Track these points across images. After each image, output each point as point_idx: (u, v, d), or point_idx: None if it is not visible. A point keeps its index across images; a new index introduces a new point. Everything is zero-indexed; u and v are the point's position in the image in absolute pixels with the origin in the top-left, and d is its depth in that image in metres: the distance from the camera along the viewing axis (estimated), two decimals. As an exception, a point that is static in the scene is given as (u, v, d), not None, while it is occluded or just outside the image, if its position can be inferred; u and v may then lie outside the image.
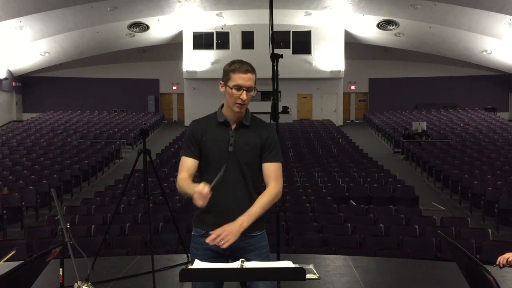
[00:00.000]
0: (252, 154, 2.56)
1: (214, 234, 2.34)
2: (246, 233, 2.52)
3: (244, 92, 2.49)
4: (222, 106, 2.63)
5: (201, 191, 2.30)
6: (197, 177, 2.68)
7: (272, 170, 2.58)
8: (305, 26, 24.04)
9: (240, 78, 2.50)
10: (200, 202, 2.32)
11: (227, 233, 2.34)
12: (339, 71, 24.78)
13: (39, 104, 26.60)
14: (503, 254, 2.86)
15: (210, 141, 2.56)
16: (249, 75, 2.51)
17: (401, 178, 11.83)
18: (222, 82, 2.57)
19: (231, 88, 2.50)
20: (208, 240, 2.36)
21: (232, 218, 2.49)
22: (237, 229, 2.37)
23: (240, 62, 2.56)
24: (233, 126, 2.58)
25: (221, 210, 2.53)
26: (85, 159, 14.02)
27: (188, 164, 2.59)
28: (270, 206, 2.56)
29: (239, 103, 2.51)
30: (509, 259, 2.80)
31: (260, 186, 2.64)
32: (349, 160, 13.98)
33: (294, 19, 22.98)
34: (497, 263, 2.82)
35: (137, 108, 27.04)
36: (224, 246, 2.33)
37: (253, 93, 2.54)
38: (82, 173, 12.92)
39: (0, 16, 17.84)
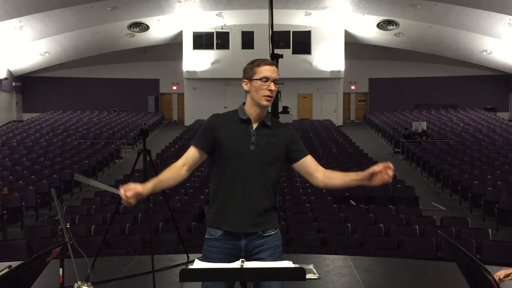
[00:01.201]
0: (274, 154, 2.53)
1: (387, 167, 2.36)
2: (261, 233, 2.52)
3: (272, 83, 2.49)
4: (243, 104, 2.60)
5: (124, 193, 2.33)
6: (212, 174, 2.63)
7: (312, 161, 2.64)
8: (305, 26, 24.04)
9: (266, 70, 2.50)
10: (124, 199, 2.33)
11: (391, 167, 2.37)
12: (339, 71, 24.78)
13: (39, 104, 26.59)
14: (500, 271, 2.82)
15: (229, 137, 2.51)
16: (274, 67, 2.54)
17: (401, 178, 11.83)
18: (246, 80, 2.55)
19: (259, 80, 2.49)
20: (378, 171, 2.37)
21: (251, 217, 2.49)
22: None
23: (262, 59, 2.59)
24: (255, 125, 2.55)
25: (240, 210, 2.49)
26: (85, 159, 14.02)
27: (190, 154, 2.57)
28: None
29: (267, 95, 2.50)
30: (501, 277, 2.76)
31: (276, 188, 2.62)
32: (349, 160, 13.98)
33: (294, 19, 22.98)
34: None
35: (137, 108, 27.03)
36: (391, 173, 2.36)
37: (277, 86, 2.55)
38: (82, 173, 12.90)
39: (0, 16, 17.84)
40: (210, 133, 2.54)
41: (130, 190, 2.34)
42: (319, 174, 2.59)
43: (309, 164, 2.61)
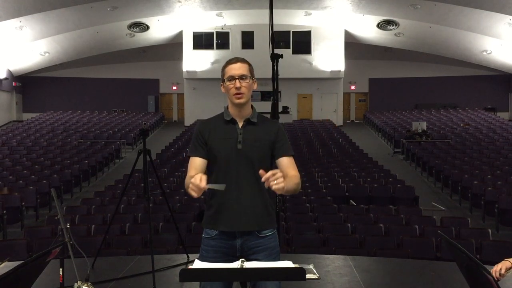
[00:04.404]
0: (262, 150, 2.54)
1: (267, 175, 2.17)
2: (256, 233, 2.52)
3: (237, 80, 2.50)
4: (227, 106, 2.64)
5: (198, 184, 2.22)
6: (207, 177, 2.64)
7: (288, 162, 2.55)
8: (305, 26, 24.04)
9: (230, 69, 2.53)
10: (194, 193, 2.24)
11: (279, 175, 2.19)
12: (339, 71, 24.78)
13: (39, 104, 26.61)
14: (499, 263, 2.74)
15: (217, 140, 2.54)
16: (239, 64, 2.54)
17: (401, 178, 11.82)
18: (222, 83, 2.59)
19: (227, 80, 2.53)
20: (264, 178, 2.19)
21: (245, 217, 2.49)
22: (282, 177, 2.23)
23: (230, 58, 2.60)
24: (241, 124, 2.57)
25: (234, 210, 2.51)
26: (85, 159, 14.02)
27: (196, 164, 2.56)
28: (296, 188, 2.43)
29: (236, 93, 2.51)
30: (502, 272, 2.68)
31: None
32: (349, 160, 13.98)
33: (294, 19, 22.98)
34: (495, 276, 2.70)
35: (137, 108, 27.04)
36: (276, 186, 2.17)
37: (250, 82, 2.53)
38: (82, 173, 12.91)
39: (0, 16, 17.84)
40: (201, 139, 2.58)
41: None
42: (286, 177, 2.45)
43: (282, 166, 2.53)
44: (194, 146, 2.60)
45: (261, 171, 2.24)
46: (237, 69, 2.52)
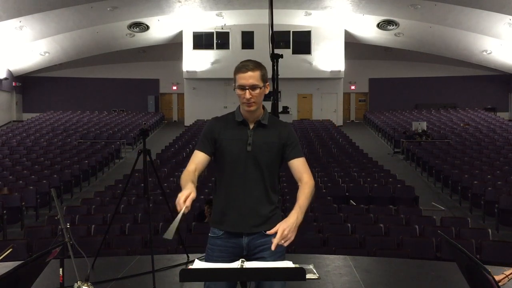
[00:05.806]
0: (271, 153, 2.54)
1: (275, 240, 2.21)
2: (263, 232, 2.53)
3: (247, 91, 2.48)
4: (240, 106, 2.64)
5: (179, 201, 2.21)
6: (215, 176, 2.68)
7: (301, 165, 2.57)
8: (305, 26, 24.04)
9: (241, 78, 2.49)
10: (177, 207, 2.23)
11: (287, 232, 2.23)
12: (339, 71, 24.77)
13: (39, 104, 26.61)
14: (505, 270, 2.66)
15: (227, 140, 2.55)
16: (249, 73, 2.48)
17: (401, 178, 11.82)
18: (234, 84, 2.59)
19: (238, 89, 2.51)
20: (273, 247, 2.21)
21: (252, 218, 2.51)
22: (294, 224, 2.27)
23: (244, 61, 2.54)
24: (251, 126, 2.57)
25: (240, 211, 2.52)
26: (85, 159, 14.02)
27: (198, 158, 2.57)
28: (312, 197, 2.52)
29: (245, 103, 2.51)
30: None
31: (276, 187, 2.63)
32: (349, 160, 13.98)
33: (294, 19, 22.98)
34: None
35: (137, 108, 27.04)
36: (286, 244, 2.24)
37: (261, 90, 2.51)
38: (82, 173, 12.91)
39: (0, 16, 17.84)
40: (210, 137, 2.58)
41: (188, 201, 2.24)
42: (300, 183, 2.55)
43: (294, 170, 2.58)
44: (201, 141, 2.62)
45: (272, 238, 2.22)
46: (247, 79, 2.47)
